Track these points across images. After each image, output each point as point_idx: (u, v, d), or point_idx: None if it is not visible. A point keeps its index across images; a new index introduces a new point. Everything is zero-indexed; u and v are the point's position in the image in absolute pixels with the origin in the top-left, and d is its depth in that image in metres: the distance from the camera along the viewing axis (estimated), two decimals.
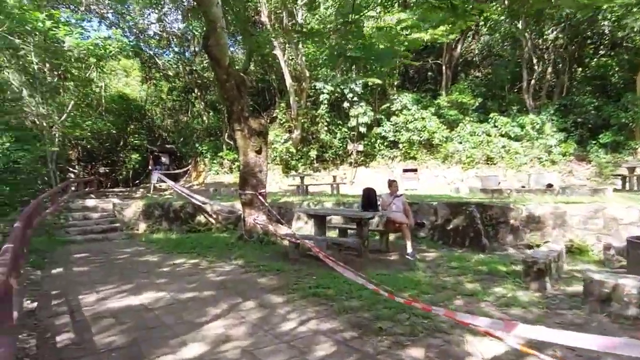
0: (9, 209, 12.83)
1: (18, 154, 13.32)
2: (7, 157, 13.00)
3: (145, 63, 28.13)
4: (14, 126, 14.05)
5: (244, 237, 10.12)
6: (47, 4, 17.07)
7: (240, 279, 6.96)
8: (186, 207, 13.67)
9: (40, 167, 15.70)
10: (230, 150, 22.58)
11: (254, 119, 9.84)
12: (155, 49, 24.98)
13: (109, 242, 11.93)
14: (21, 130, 14.40)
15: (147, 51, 25.95)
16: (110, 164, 29.17)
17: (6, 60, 16.50)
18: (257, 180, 10.06)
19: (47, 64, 17.14)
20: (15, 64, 16.21)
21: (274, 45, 18.81)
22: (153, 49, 24.99)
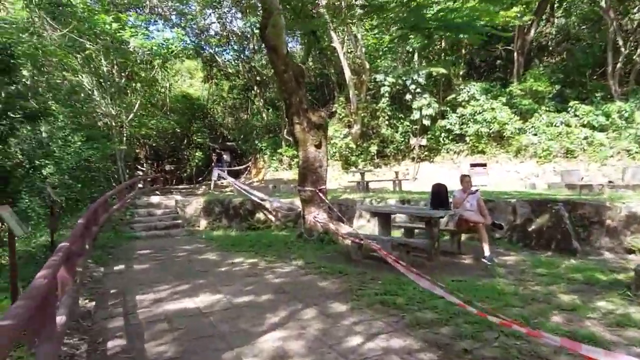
0: (80, 204, 13.30)
1: (88, 152, 13.80)
2: (79, 155, 13.49)
3: (206, 63, 28.71)
4: (85, 125, 14.61)
5: (304, 236, 9.67)
6: (114, 8, 17.68)
7: (300, 282, 6.46)
8: (245, 204, 13.50)
9: (110, 165, 16.28)
10: (289, 146, 22.35)
11: (313, 111, 9.34)
12: (215, 48, 25.29)
13: (170, 238, 11.99)
14: (91, 130, 14.96)
15: (207, 50, 26.36)
16: (175, 162, 30.16)
17: (78, 64, 17.30)
18: (317, 176, 9.56)
19: (116, 65, 17.76)
20: (87, 67, 16.92)
21: (332, 38, 18.27)
22: (213, 48, 25.33)
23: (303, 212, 9.83)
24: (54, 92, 14.06)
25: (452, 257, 7.93)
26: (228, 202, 13.72)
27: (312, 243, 9.33)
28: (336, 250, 8.75)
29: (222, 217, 13.64)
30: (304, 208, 9.77)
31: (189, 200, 14.34)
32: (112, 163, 17.92)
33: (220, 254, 9.12)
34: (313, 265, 7.52)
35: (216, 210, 13.74)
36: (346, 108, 20.88)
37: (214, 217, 13.71)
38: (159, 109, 23.65)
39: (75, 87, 15.31)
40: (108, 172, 17.09)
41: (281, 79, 8.70)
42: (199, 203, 14.07)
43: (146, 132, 19.76)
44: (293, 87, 8.80)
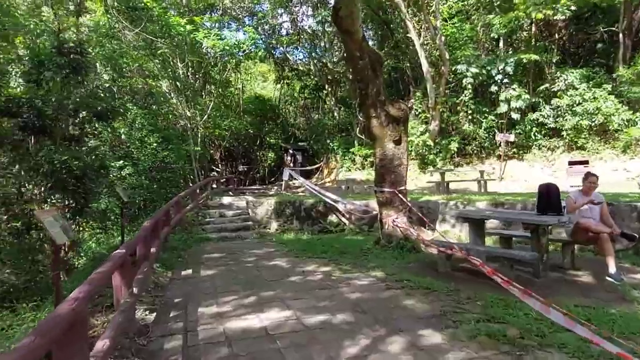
0: (156, 204, 13.41)
1: (164, 154, 13.92)
2: (154, 156, 13.63)
3: (278, 63, 28.68)
4: (161, 127, 14.83)
5: (381, 242, 8.72)
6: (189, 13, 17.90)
7: (381, 299, 5.53)
8: (317, 206, 12.80)
9: (184, 166, 16.44)
10: (362, 145, 21.45)
11: (391, 103, 8.36)
12: (286, 48, 25.04)
13: (240, 241, 11.61)
14: (167, 131, 15.16)
15: (279, 49, 26.20)
16: (248, 163, 30.48)
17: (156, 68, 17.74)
18: (396, 175, 8.56)
19: (190, 68, 17.98)
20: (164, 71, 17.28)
21: (408, 28, 17.08)
22: (285, 47, 25.09)
23: (380, 215, 8.87)
24: (131, 94, 14.39)
25: (563, 273, 6.57)
26: (299, 204, 13.11)
27: (391, 250, 8.36)
28: (419, 260, 7.71)
29: (293, 219, 13.07)
30: (381, 211, 8.82)
31: (260, 202, 13.95)
32: (188, 164, 18.16)
33: (290, 261, 8.44)
34: (394, 277, 6.56)
35: (287, 212, 13.20)
36: (423, 103, 19.53)
37: (285, 219, 13.19)
38: (233, 110, 23.86)
39: (152, 89, 15.63)
40: (184, 173, 17.29)
41: (356, 67, 7.82)
42: (270, 204, 13.63)
43: (219, 133, 19.89)
44: (369, 76, 7.89)
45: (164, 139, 14.12)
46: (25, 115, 6.60)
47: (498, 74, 16.86)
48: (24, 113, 6.61)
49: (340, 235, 11.46)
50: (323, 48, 26.32)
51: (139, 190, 13.09)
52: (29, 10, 14.06)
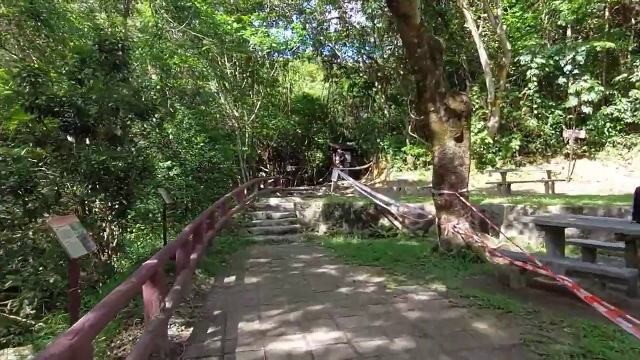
0: (203, 205, 13.22)
1: (210, 154, 13.72)
2: (201, 157, 13.45)
3: (325, 61, 28.15)
4: (208, 127, 14.68)
5: (440, 249, 7.88)
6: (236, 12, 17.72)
7: (446, 320, 4.76)
8: (368, 208, 12.08)
9: (232, 167, 16.24)
10: (414, 144, 20.43)
11: (452, 96, 7.50)
12: (335, 45, 24.40)
13: (287, 244, 11.11)
14: (214, 131, 15.00)
15: (327, 45, 25.62)
16: (296, 163, 30.18)
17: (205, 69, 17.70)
18: (457, 176, 7.69)
19: (238, 67, 17.80)
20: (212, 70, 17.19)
21: (466, 18, 15.95)
22: (333, 44, 24.44)
23: (439, 220, 8.03)
24: (180, 94, 14.33)
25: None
26: (349, 206, 12.45)
27: (452, 259, 7.51)
28: (485, 272, 6.82)
29: (342, 222, 12.43)
30: (439, 215, 7.98)
31: (308, 203, 13.41)
32: (235, 164, 18.00)
33: (340, 268, 7.79)
34: (458, 292, 5.75)
35: (336, 215, 12.57)
36: (481, 98, 18.25)
37: (333, 222, 12.57)
38: (280, 109, 23.58)
39: (200, 89, 15.54)
40: (231, 173, 17.11)
41: (413, 56, 7.04)
42: (318, 206, 13.06)
43: (267, 132, 19.62)
44: (428, 65, 7.09)
45: (211, 139, 13.94)
46: (67, 114, 6.37)
47: (567, 64, 15.35)
48: (65, 112, 6.38)
49: (392, 240, 10.67)
50: (373, 44, 25.48)
51: (186, 190, 12.93)
52: (83, 15, 14.33)
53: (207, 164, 14.00)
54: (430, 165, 20.00)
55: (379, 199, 11.74)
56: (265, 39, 14.94)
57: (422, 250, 8.64)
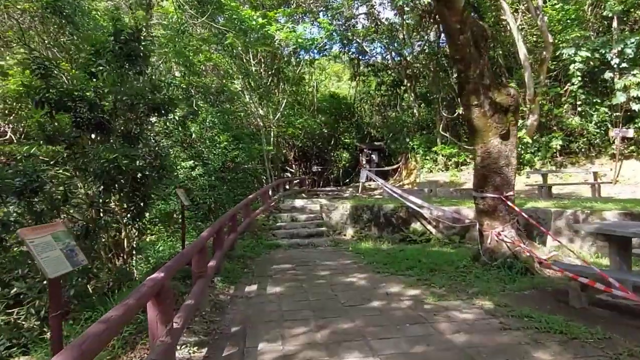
0: (226, 207, 12.78)
1: (234, 153, 13.27)
2: (225, 156, 13.02)
3: (353, 59, 27.49)
4: (232, 125, 14.25)
5: (482, 259, 7.12)
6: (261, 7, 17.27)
7: (499, 347, 4.05)
8: (398, 211, 11.35)
9: (256, 166, 15.78)
10: (446, 144, 19.51)
11: (498, 88, 6.74)
12: (363, 42, 23.64)
13: (313, 249, 10.51)
14: (238, 130, 14.56)
15: (355, 41, 24.91)
16: (322, 163, 29.59)
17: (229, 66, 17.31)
18: (503, 178, 6.91)
19: (263, 64, 17.34)
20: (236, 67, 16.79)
21: (503, 9, 15.00)
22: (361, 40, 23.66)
23: (480, 226, 7.26)
24: (203, 92, 13.94)
25: None
26: (378, 209, 11.75)
27: (496, 270, 6.74)
28: (536, 286, 6.04)
29: (371, 225, 11.74)
30: (482, 221, 7.21)
31: (335, 205, 12.78)
32: (260, 164, 17.55)
33: (370, 278, 7.14)
34: (509, 311, 5.01)
35: (364, 217, 11.90)
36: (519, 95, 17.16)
37: (362, 225, 11.90)
38: (307, 108, 23.04)
39: (224, 87, 15.13)
40: (256, 173, 16.66)
41: (454, 43, 6.31)
42: (345, 208, 12.41)
43: (293, 132, 19.10)
44: (471, 54, 6.35)
45: (235, 138, 13.49)
46: (80, 109, 5.94)
47: (615, 57, 14.21)
48: (78, 107, 5.95)
49: (426, 246, 9.92)
50: (401, 40, 24.65)
51: (209, 191, 12.51)
52: (108, 12, 14.08)
53: (231, 163, 13.56)
54: (463, 167, 19.08)
55: (411, 202, 10.99)
56: (291, 35, 14.37)
57: (460, 258, 7.87)
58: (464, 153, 18.94)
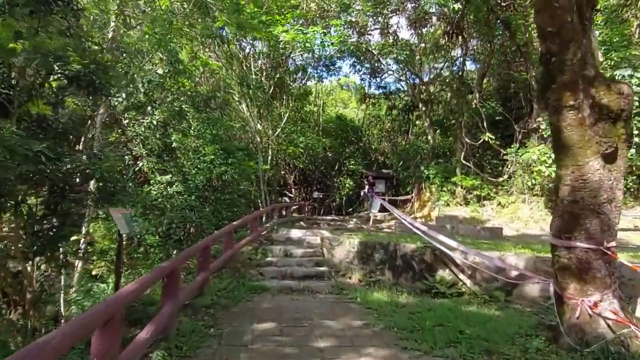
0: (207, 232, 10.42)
1: (221, 169, 10.98)
2: (210, 172, 10.73)
3: (363, 79, 25.65)
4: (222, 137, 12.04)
5: (566, 341, 4.69)
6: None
7: None
8: (422, 253, 8.93)
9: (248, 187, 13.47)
10: (467, 174, 17.22)
11: (606, 84, 4.50)
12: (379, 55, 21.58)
13: (310, 296, 8.06)
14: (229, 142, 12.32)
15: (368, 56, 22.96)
16: (324, 189, 27.26)
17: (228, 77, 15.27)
18: (603, 220, 4.60)
19: (264, 72, 15.29)
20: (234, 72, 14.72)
21: None
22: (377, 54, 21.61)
23: (562, 290, 4.89)
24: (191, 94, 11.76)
25: None
26: (394, 248, 9.34)
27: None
28: None
29: (384, 268, 9.32)
30: (564, 282, 4.84)
31: (339, 239, 10.37)
32: (254, 186, 15.26)
33: (395, 358, 4.72)
34: None
35: (376, 258, 9.49)
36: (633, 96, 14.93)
37: (372, 267, 9.48)
38: (311, 128, 20.90)
39: (216, 91, 12.98)
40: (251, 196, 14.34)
41: (549, 7, 4.09)
42: (352, 244, 10.00)
43: (294, 151, 16.86)
44: (573, 25, 4.13)
45: (224, 151, 11.24)
46: None
47: None
48: None
49: (458, 303, 7.45)
50: (418, 61, 22.78)
51: (188, 213, 10.17)
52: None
53: (218, 181, 11.25)
54: (486, 201, 16.75)
55: (440, 242, 8.58)
56: (299, 37, 12.31)
57: (521, 331, 5.46)
58: (487, 186, 16.64)
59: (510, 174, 16.20)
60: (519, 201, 15.84)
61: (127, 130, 10.42)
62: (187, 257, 5.83)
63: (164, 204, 10.05)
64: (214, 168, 10.88)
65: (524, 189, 15.57)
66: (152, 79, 10.47)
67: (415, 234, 10.21)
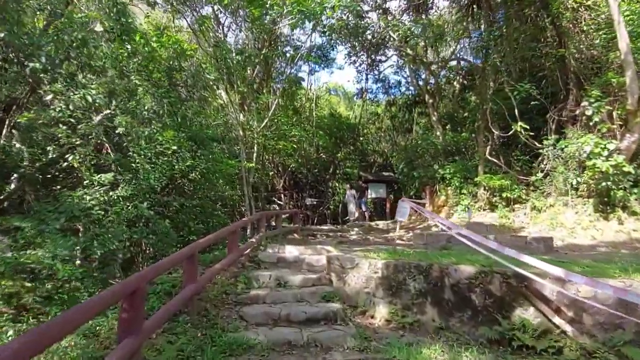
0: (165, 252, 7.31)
1: (186, 163, 7.90)
2: (169, 168, 7.64)
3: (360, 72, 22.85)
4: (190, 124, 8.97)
5: None
6: None
7: None
8: (486, 280, 5.89)
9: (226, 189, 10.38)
10: (494, 173, 14.37)
11: None
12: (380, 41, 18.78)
13: (320, 357, 5.02)
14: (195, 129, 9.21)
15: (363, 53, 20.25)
16: (318, 195, 24.21)
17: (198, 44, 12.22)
18: None
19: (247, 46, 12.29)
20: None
21: None
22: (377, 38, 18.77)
23: None
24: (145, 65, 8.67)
25: None
26: (440, 272, 6.31)
27: None
28: None
29: (424, 303, 6.30)
30: None
31: (353, 260, 7.31)
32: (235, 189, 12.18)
33: None
34: None
35: (412, 287, 6.46)
36: (603, 109, 12.21)
37: (406, 301, 6.46)
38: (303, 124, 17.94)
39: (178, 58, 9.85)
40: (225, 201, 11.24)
41: None
42: (374, 267, 6.96)
43: (284, 146, 13.81)
44: None
45: (191, 140, 8.20)
46: None
47: None
48: None
49: None
50: (424, 48, 20.07)
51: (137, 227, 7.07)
52: None
53: (183, 181, 8.16)
54: (517, 205, 13.88)
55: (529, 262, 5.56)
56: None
57: None
58: (518, 186, 13.79)
59: (547, 171, 13.38)
60: (559, 204, 13.01)
61: (50, 110, 7.32)
62: (80, 318, 2.82)
63: (100, 215, 6.92)
64: (177, 163, 7.81)
65: (566, 189, 12.76)
66: (86, 37, 7.38)
67: (449, 249, 7.26)
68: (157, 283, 5.87)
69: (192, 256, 5.54)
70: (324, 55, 22.56)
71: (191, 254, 5.51)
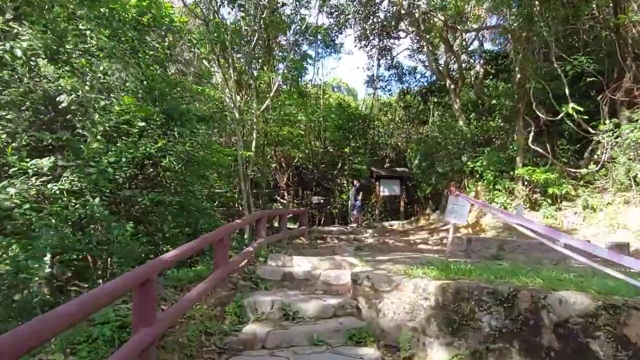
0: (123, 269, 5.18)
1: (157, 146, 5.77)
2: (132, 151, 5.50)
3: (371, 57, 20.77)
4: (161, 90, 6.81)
5: None
6: None
7: None
8: (617, 318, 3.71)
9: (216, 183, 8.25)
10: (536, 165, 12.22)
11: None
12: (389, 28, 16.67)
13: None
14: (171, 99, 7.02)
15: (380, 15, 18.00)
16: (324, 193, 22.04)
17: None
18: None
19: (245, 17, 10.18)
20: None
21: None
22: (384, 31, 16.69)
23: None
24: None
25: None
26: (532, 303, 4.12)
27: None
28: None
29: (507, 349, 4.13)
30: None
31: (391, 279, 5.12)
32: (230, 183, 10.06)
33: None
34: None
35: (485, 323, 4.30)
36: None
37: (475, 344, 4.31)
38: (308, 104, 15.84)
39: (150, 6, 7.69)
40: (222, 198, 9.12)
41: None
42: (423, 289, 4.78)
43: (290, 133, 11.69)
44: None
45: (165, 114, 6.10)
46: None
47: None
48: None
49: None
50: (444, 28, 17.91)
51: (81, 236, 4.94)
52: None
53: (155, 170, 6.03)
54: (565, 202, 11.75)
55: None
56: None
57: None
58: (566, 181, 11.63)
59: (603, 162, 11.23)
60: (619, 201, 10.87)
61: None
62: None
63: (32, 216, 4.81)
64: (143, 145, 5.69)
65: (628, 182, 10.62)
66: None
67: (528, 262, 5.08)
68: (95, 323, 3.73)
69: (146, 283, 3.40)
70: (331, 40, 20.53)
71: (144, 280, 3.38)
